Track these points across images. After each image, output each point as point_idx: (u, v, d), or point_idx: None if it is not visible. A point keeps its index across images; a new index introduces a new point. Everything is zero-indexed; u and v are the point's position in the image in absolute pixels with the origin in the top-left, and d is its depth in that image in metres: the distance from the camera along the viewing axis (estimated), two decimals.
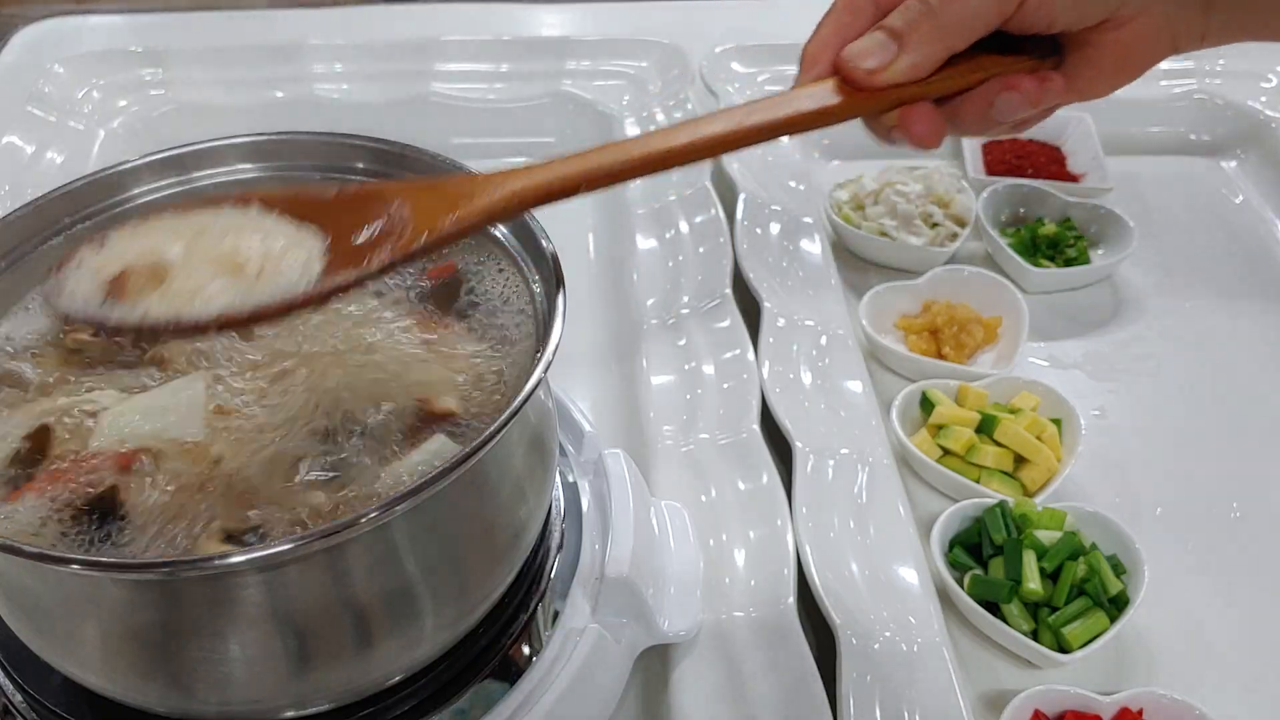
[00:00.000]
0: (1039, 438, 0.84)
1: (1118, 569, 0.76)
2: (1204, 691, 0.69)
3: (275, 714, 0.52)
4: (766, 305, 0.94)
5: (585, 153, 0.52)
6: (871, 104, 0.53)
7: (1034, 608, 0.74)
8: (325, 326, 0.58)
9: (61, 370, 0.56)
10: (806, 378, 0.89)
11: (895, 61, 0.52)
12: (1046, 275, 1.04)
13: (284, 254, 0.49)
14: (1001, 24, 0.53)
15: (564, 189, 0.51)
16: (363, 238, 0.50)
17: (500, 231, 0.61)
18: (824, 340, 0.92)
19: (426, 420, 0.54)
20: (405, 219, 0.50)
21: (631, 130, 1.18)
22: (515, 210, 0.52)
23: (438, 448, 0.52)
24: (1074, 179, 1.16)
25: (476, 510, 0.53)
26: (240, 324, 0.48)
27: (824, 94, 0.53)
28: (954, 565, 0.77)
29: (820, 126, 0.54)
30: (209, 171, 0.65)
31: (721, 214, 1.04)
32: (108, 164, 0.63)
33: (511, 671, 0.60)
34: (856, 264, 1.08)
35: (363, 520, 0.44)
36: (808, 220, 1.07)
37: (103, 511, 0.49)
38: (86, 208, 0.62)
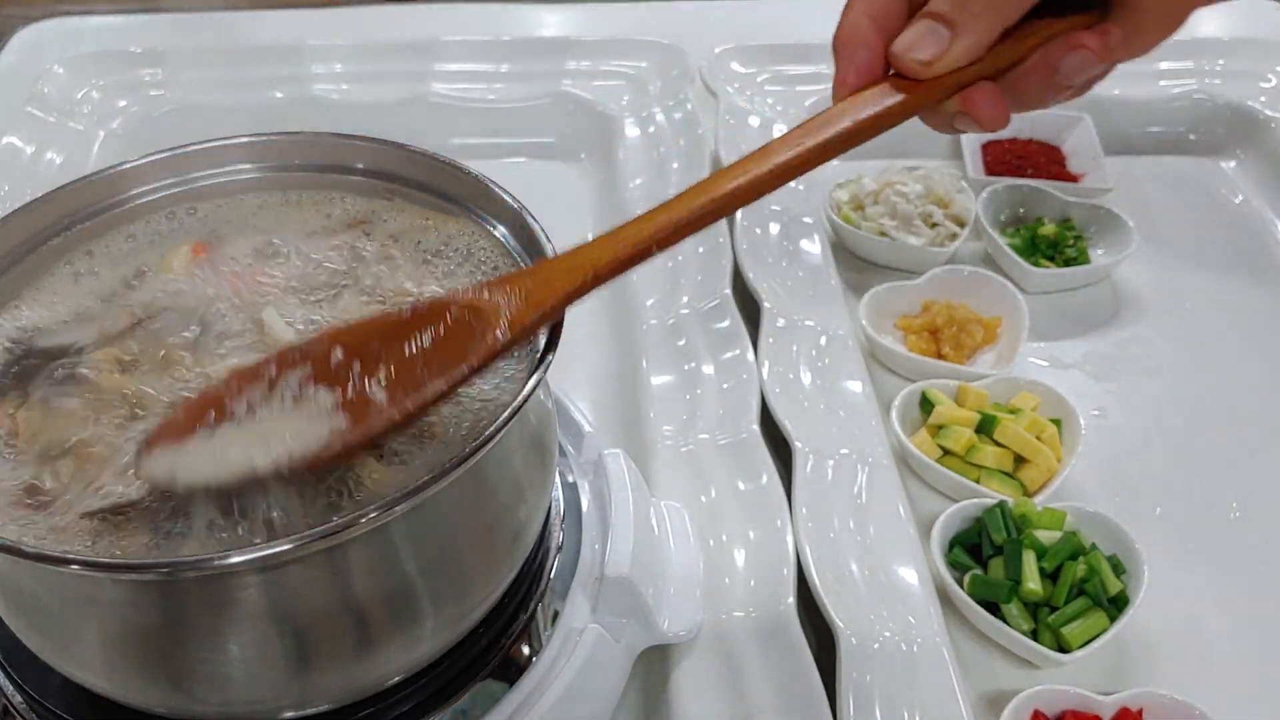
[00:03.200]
0: (1039, 438, 0.84)
1: (1117, 569, 0.76)
2: (1204, 691, 0.69)
3: (275, 714, 0.52)
4: (766, 305, 0.94)
5: (653, 212, 0.53)
6: (930, 95, 0.52)
7: (1034, 608, 0.74)
8: None
9: None
10: (806, 378, 0.89)
11: (950, 48, 0.50)
12: (1046, 275, 1.04)
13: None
14: None
15: (638, 255, 0.53)
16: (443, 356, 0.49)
17: (500, 232, 0.61)
18: (824, 340, 0.92)
19: None
20: (483, 326, 0.50)
21: (631, 131, 1.18)
22: (591, 287, 0.52)
23: None
24: (1074, 179, 1.16)
25: (476, 510, 0.53)
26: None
27: (879, 97, 0.52)
28: (954, 565, 0.77)
29: (884, 129, 0.52)
30: (209, 171, 0.65)
31: None
32: (107, 164, 0.63)
33: (511, 671, 0.60)
34: (856, 264, 1.08)
35: (362, 520, 0.44)
36: (808, 220, 1.07)
37: None
38: (86, 208, 0.62)
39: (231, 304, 0.59)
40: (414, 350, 0.50)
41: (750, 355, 0.89)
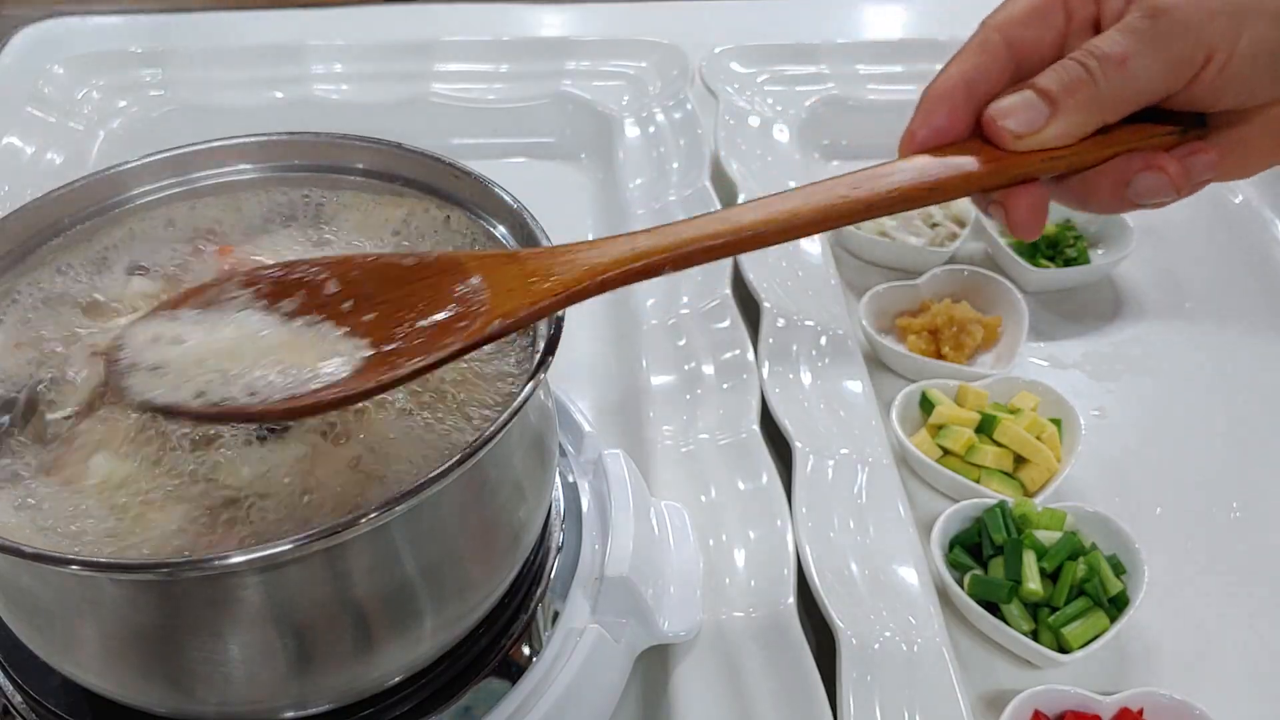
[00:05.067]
0: (1039, 438, 0.84)
1: (1117, 569, 0.76)
2: (1204, 691, 0.69)
3: (275, 714, 0.52)
4: (766, 305, 0.94)
5: (674, 225, 0.49)
6: (993, 177, 0.49)
7: (1034, 608, 0.74)
8: None
9: None
10: (806, 378, 0.89)
11: (1045, 127, 0.48)
12: (1046, 275, 1.03)
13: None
14: (1164, 100, 0.49)
15: (647, 268, 0.48)
16: (429, 320, 0.46)
17: (500, 231, 0.61)
18: (824, 340, 0.92)
19: None
20: (480, 301, 0.47)
21: (631, 131, 1.18)
22: (594, 291, 0.48)
23: None
24: None
25: (476, 510, 0.53)
26: (283, 415, 0.46)
27: (942, 163, 0.50)
28: (954, 565, 0.77)
29: (933, 201, 0.50)
30: (209, 172, 0.65)
31: None
32: (107, 164, 0.63)
33: (511, 672, 0.60)
34: (856, 264, 1.08)
35: (362, 520, 0.44)
36: None
37: None
38: (86, 208, 0.62)
39: None
40: (406, 311, 0.47)
41: (750, 355, 0.89)
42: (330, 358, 0.46)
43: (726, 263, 0.98)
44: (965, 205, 1.08)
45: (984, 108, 0.51)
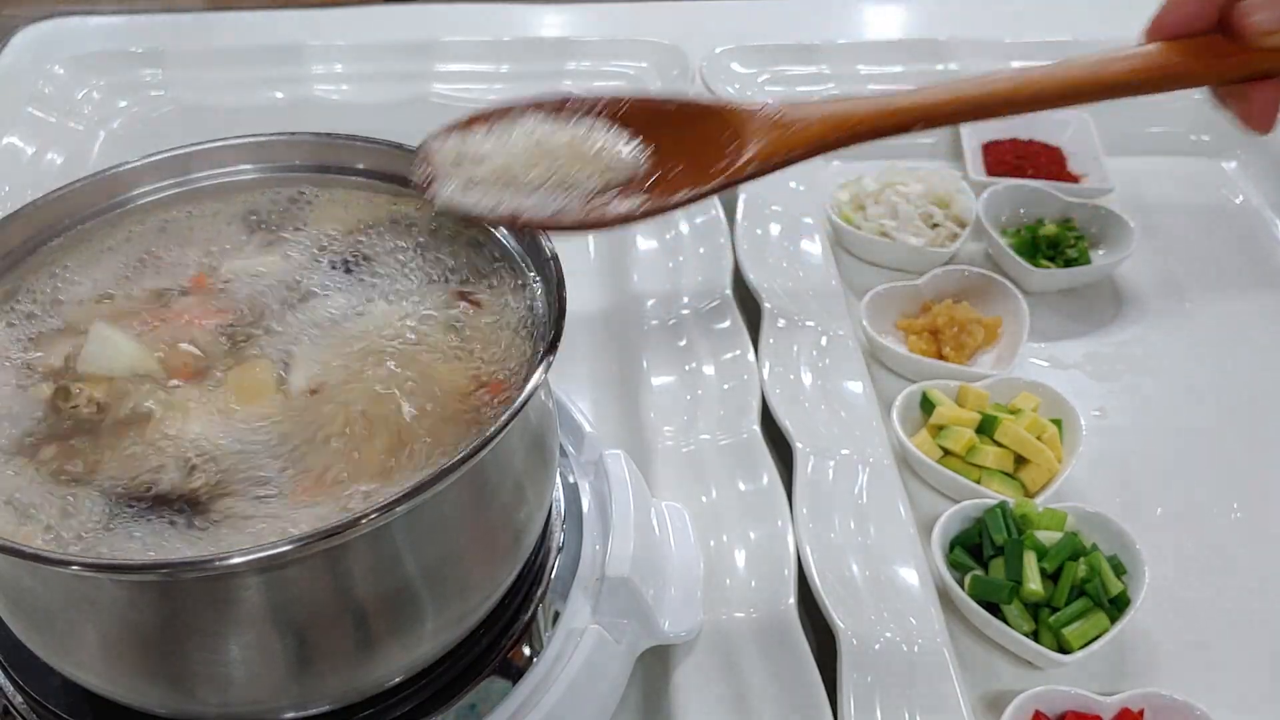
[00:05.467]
0: (1039, 438, 0.84)
1: (1118, 569, 0.76)
2: (1204, 691, 0.69)
3: (275, 715, 0.52)
4: (766, 306, 0.94)
5: (929, 88, 0.52)
6: (1241, 67, 0.52)
7: (1034, 608, 0.74)
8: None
9: None
10: (807, 378, 0.89)
11: None
12: (1047, 276, 1.03)
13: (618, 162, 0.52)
14: None
15: (899, 124, 0.52)
16: (695, 158, 0.51)
17: (500, 232, 0.61)
18: (824, 341, 0.92)
19: None
20: (737, 145, 0.51)
21: None
22: (845, 142, 0.52)
23: None
24: (1074, 179, 1.16)
25: (477, 511, 0.53)
26: (571, 228, 0.52)
27: (1185, 51, 0.52)
28: (954, 566, 0.77)
29: (1172, 86, 0.53)
30: (209, 172, 0.65)
31: (722, 214, 1.04)
32: (108, 165, 0.63)
33: (512, 672, 0.60)
34: (856, 264, 1.08)
35: (363, 521, 0.44)
36: (808, 220, 1.07)
37: None
38: (86, 208, 0.62)
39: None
40: (670, 147, 0.52)
41: (751, 356, 0.89)
42: (610, 178, 0.52)
43: (727, 263, 0.98)
44: (966, 206, 1.08)
45: (1231, 4, 0.52)
